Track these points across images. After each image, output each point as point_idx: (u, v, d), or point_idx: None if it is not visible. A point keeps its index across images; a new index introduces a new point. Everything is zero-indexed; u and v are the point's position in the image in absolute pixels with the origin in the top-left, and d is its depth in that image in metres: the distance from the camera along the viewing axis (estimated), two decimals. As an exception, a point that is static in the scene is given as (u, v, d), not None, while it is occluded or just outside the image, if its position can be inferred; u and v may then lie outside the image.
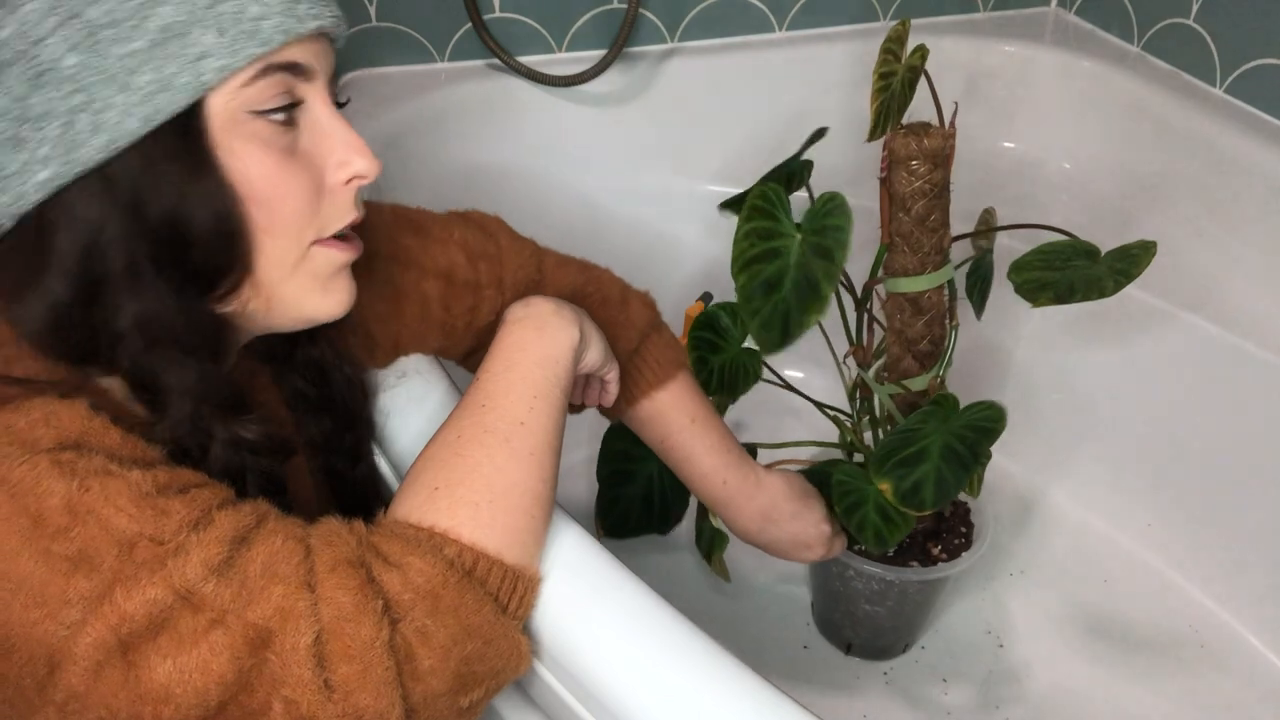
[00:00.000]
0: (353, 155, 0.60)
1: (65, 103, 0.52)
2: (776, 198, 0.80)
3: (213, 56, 0.53)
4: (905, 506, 0.83)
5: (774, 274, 0.78)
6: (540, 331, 0.70)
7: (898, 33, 0.82)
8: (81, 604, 0.49)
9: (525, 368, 0.68)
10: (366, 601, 0.53)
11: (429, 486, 0.61)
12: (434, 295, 0.79)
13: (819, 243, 0.77)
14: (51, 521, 0.49)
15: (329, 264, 0.62)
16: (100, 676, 0.49)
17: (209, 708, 0.50)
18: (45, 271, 0.54)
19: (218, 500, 0.54)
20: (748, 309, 0.78)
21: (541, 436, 0.65)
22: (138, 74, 0.52)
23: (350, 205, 0.62)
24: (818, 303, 0.75)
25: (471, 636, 0.56)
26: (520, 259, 0.82)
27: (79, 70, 0.52)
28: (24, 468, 0.50)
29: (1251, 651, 1.16)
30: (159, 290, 0.56)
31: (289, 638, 0.51)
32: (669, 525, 1.06)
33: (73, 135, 0.52)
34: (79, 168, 0.52)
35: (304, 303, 0.62)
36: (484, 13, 1.36)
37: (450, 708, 0.56)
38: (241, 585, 0.51)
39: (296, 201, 0.58)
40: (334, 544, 0.55)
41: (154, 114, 0.53)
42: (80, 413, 0.54)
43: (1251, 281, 1.21)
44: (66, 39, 0.51)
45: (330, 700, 0.51)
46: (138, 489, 0.52)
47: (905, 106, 0.81)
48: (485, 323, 0.81)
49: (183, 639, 0.49)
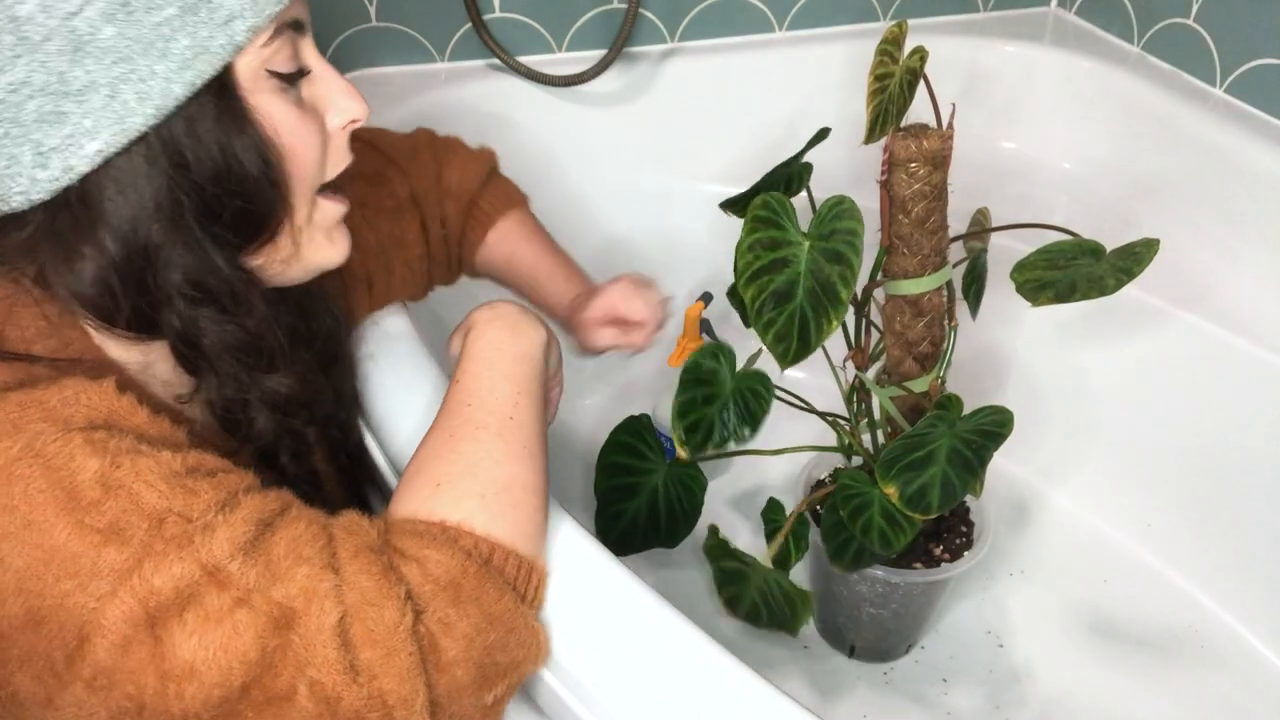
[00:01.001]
0: (348, 101, 0.64)
1: (108, 73, 0.53)
2: (780, 206, 0.80)
3: (240, 18, 0.55)
4: (911, 510, 0.82)
5: (784, 284, 0.77)
6: (513, 331, 0.71)
7: (894, 34, 0.82)
8: (111, 576, 0.49)
9: (504, 365, 0.69)
10: (390, 587, 0.53)
11: (430, 483, 0.61)
12: (364, 192, 0.85)
13: (830, 248, 0.77)
14: (85, 495, 0.50)
15: (332, 215, 0.66)
16: (128, 651, 0.49)
17: (232, 687, 0.50)
18: (96, 237, 0.56)
19: (244, 485, 0.56)
20: (759, 322, 0.78)
21: (530, 431, 0.66)
22: (174, 40, 0.53)
23: (346, 149, 0.66)
24: (837, 308, 0.75)
25: (494, 625, 0.56)
26: (390, 137, 0.92)
27: (117, 40, 0.53)
28: (58, 444, 0.51)
29: (1251, 651, 1.16)
30: (205, 248, 0.58)
31: (314, 618, 0.51)
32: (678, 539, 0.99)
33: (119, 105, 0.53)
34: (129, 136, 0.54)
35: (316, 253, 0.66)
36: (484, 13, 1.36)
37: (475, 705, 0.56)
38: (267, 565, 0.52)
39: (314, 149, 0.62)
40: (356, 532, 0.56)
41: (196, 78, 0.54)
42: (109, 392, 0.55)
43: (1251, 281, 1.21)
44: (101, 11, 0.52)
45: (355, 683, 0.51)
46: (168, 468, 0.53)
47: (904, 109, 0.80)
48: (407, 195, 0.90)
49: (208, 616, 0.50)
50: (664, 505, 0.97)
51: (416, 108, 1.32)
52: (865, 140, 0.80)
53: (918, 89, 0.80)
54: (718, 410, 0.85)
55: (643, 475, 0.99)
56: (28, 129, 0.53)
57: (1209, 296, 1.21)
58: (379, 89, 1.34)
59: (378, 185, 0.88)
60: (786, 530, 0.95)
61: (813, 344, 0.76)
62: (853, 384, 0.98)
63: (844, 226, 0.77)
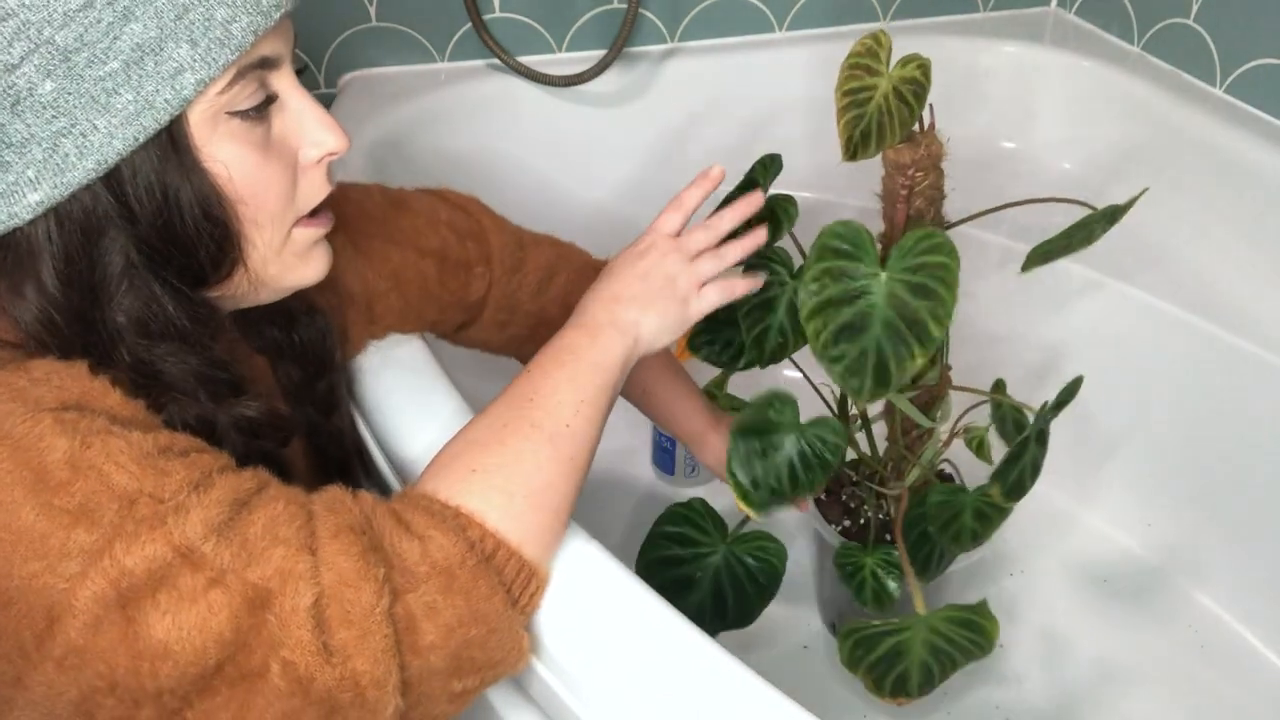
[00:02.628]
0: (324, 133, 0.61)
1: (47, 128, 0.52)
2: (855, 236, 0.75)
3: (189, 70, 0.53)
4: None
5: (854, 318, 0.74)
6: (594, 338, 0.70)
7: (868, 46, 0.78)
8: (81, 556, 0.49)
9: (575, 370, 0.68)
10: (368, 569, 0.53)
11: (467, 467, 0.61)
12: (430, 274, 0.83)
13: (917, 282, 0.73)
14: (53, 475, 0.50)
15: (307, 240, 0.64)
16: (99, 631, 0.49)
17: (207, 666, 0.50)
18: (39, 279, 0.55)
19: (218, 465, 0.55)
20: (826, 356, 0.74)
21: (582, 444, 0.65)
22: (117, 95, 0.52)
23: (324, 182, 0.63)
24: (925, 344, 0.71)
25: (477, 622, 0.56)
26: (503, 237, 0.88)
27: (57, 96, 0.52)
28: (26, 424, 0.51)
29: (1251, 651, 1.16)
30: (152, 288, 0.57)
31: (288, 599, 0.51)
32: (753, 617, 0.90)
33: (59, 159, 0.52)
34: (69, 189, 0.53)
35: (286, 277, 0.64)
36: (484, 13, 1.36)
37: (443, 690, 0.56)
38: (242, 545, 0.52)
39: (277, 192, 0.60)
40: (337, 511, 0.56)
41: (138, 133, 0.53)
42: (81, 374, 0.54)
43: (1251, 281, 1.21)
44: (39, 66, 0.51)
45: (329, 663, 0.51)
46: (139, 448, 0.52)
47: (910, 121, 0.78)
48: (475, 298, 0.86)
49: (182, 596, 0.50)
50: (730, 586, 0.89)
51: (416, 108, 1.33)
52: (844, 158, 0.77)
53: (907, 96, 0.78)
54: (784, 462, 0.79)
55: (695, 562, 0.90)
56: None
57: (1209, 296, 1.21)
58: (379, 89, 1.34)
59: (448, 275, 0.85)
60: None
61: (892, 381, 0.72)
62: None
63: (934, 260, 0.73)
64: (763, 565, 0.89)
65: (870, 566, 0.92)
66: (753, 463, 0.78)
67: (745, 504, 0.78)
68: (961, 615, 0.83)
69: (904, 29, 1.54)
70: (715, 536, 0.91)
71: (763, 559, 0.89)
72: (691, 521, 0.91)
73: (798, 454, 0.78)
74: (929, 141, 0.81)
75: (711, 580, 0.89)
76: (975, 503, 0.88)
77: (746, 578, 0.89)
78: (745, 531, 0.92)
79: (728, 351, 0.91)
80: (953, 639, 0.83)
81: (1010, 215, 0.97)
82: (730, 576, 0.89)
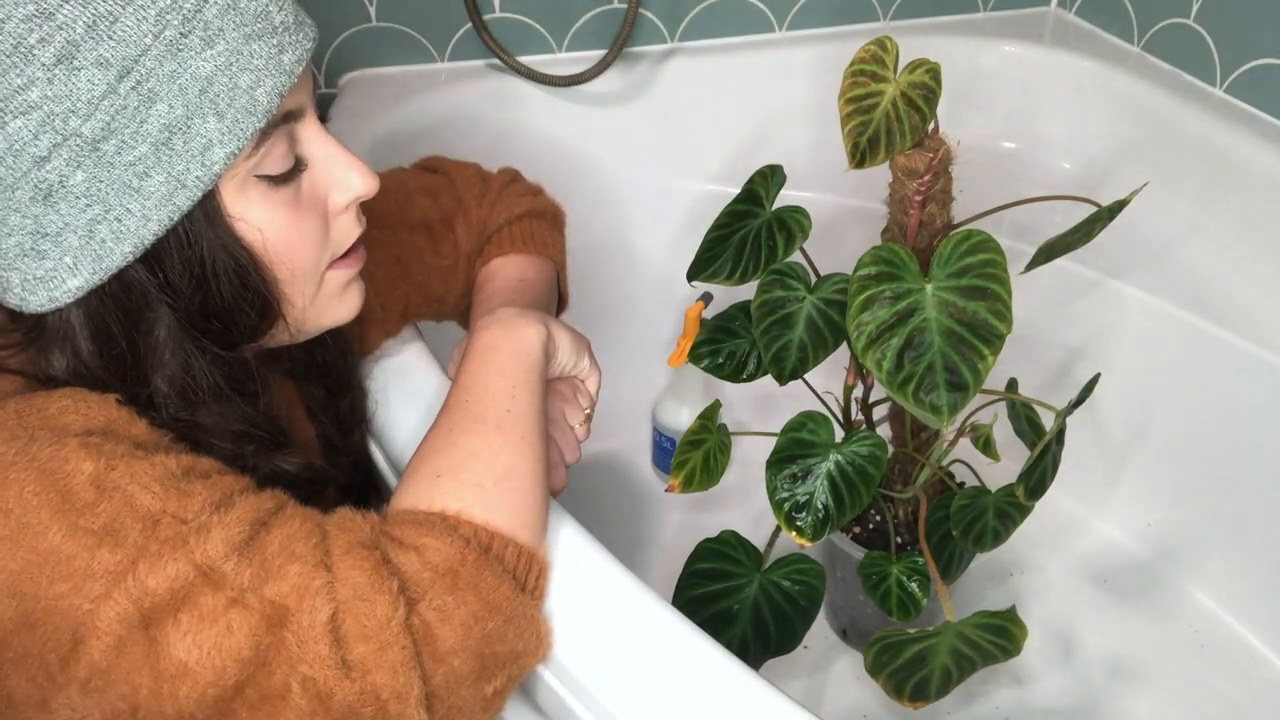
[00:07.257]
0: (352, 177, 0.62)
1: (81, 216, 0.53)
2: (892, 255, 0.74)
3: (218, 145, 0.53)
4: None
5: (911, 335, 0.72)
6: (508, 329, 0.71)
7: (873, 52, 0.78)
8: (106, 577, 0.50)
9: (500, 362, 0.68)
10: (381, 581, 0.53)
11: (430, 475, 0.61)
12: (424, 246, 0.84)
13: (967, 285, 0.72)
14: (79, 497, 0.51)
15: (341, 282, 0.65)
16: (123, 652, 0.49)
17: (226, 686, 0.50)
18: (76, 351, 0.56)
19: (239, 487, 0.56)
20: (894, 384, 0.72)
21: (529, 422, 0.66)
22: (148, 178, 0.53)
23: (355, 224, 0.64)
24: (992, 343, 0.70)
25: (492, 613, 0.56)
26: (466, 174, 0.90)
27: (89, 185, 0.52)
28: (53, 448, 0.51)
29: (1251, 651, 1.17)
30: (192, 356, 0.58)
31: (305, 615, 0.51)
32: (796, 642, 0.88)
33: (96, 245, 0.53)
34: (108, 273, 0.54)
35: (323, 319, 0.65)
36: (484, 13, 1.36)
37: (474, 696, 0.56)
38: (261, 564, 0.52)
39: (311, 243, 0.60)
40: (349, 529, 0.56)
41: (173, 213, 0.54)
42: (109, 403, 0.55)
43: (1251, 281, 1.21)
44: (69, 158, 0.52)
45: (348, 678, 0.51)
46: (163, 469, 0.53)
47: (920, 128, 0.77)
48: (466, 251, 0.88)
49: (203, 616, 0.50)
50: (770, 614, 0.86)
51: (416, 108, 1.32)
52: (850, 165, 0.76)
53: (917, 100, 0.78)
54: (823, 482, 0.77)
55: (732, 596, 0.87)
56: (12, 260, 0.54)
57: (1209, 296, 1.21)
58: (379, 89, 1.34)
59: (439, 239, 0.86)
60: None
61: (970, 386, 0.70)
62: (849, 387, 0.97)
63: (981, 259, 0.72)
64: (802, 588, 0.86)
65: (896, 575, 0.90)
66: (794, 488, 0.78)
67: (794, 533, 0.77)
68: (991, 621, 0.81)
69: (904, 29, 1.54)
70: (749, 566, 0.88)
71: (801, 580, 0.87)
72: (723, 555, 0.88)
73: (837, 470, 0.78)
74: (939, 145, 0.81)
75: (751, 611, 0.86)
76: (997, 503, 0.88)
77: (786, 602, 0.86)
78: (781, 556, 0.89)
79: (730, 363, 0.91)
80: (978, 644, 0.80)
81: (1010, 215, 0.97)
82: (769, 604, 0.86)
